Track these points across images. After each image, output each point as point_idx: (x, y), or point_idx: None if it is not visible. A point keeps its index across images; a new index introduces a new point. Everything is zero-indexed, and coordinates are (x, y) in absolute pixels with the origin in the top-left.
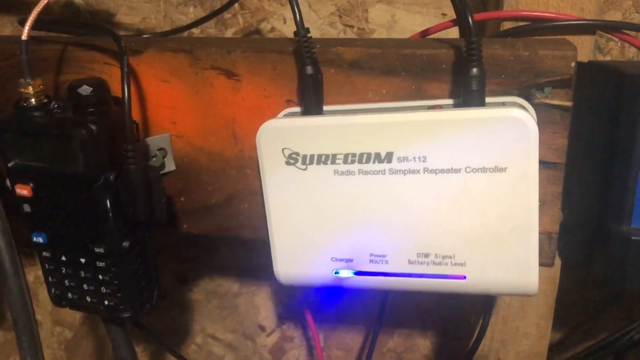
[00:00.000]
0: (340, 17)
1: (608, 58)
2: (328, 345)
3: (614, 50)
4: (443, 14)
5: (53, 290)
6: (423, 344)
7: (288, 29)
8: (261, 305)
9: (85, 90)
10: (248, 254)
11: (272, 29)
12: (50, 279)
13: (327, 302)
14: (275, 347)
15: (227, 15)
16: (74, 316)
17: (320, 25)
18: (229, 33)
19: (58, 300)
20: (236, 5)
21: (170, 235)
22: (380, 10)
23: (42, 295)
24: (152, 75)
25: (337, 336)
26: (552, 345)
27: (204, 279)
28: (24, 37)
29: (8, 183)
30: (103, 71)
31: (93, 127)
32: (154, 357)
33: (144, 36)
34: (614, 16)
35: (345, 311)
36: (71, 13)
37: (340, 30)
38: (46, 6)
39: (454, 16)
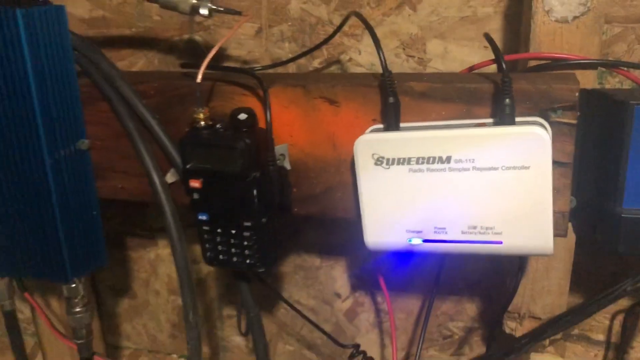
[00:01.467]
0: (403, 49)
1: (618, 82)
2: (392, 309)
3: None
4: (485, 47)
5: (208, 253)
6: (470, 307)
7: (362, 59)
8: (338, 277)
9: (243, 116)
10: (328, 235)
11: (350, 59)
12: (207, 246)
13: (393, 274)
14: (349, 311)
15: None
16: None
17: (388, 56)
18: (315, 62)
19: (211, 260)
20: (321, 40)
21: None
22: (436, 44)
23: (160, 271)
24: (276, 103)
25: (400, 302)
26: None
27: (293, 255)
28: (198, 80)
29: (168, 179)
30: (241, 100)
31: (248, 141)
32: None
33: (255, 67)
34: (621, 48)
35: (406, 282)
36: (191, 47)
37: (403, 60)
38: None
39: None
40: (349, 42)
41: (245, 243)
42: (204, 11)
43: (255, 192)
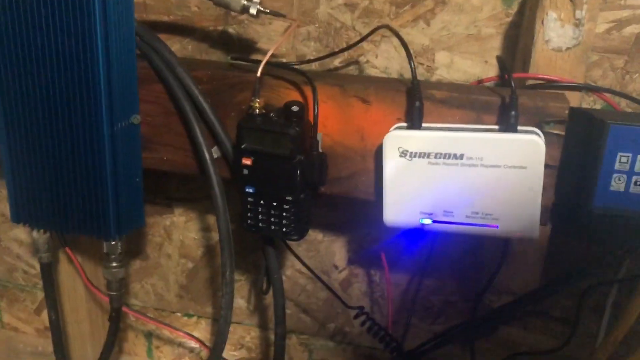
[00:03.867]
0: (415, 57)
1: (592, 100)
2: (383, 282)
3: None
4: (485, 61)
5: (249, 221)
6: (450, 283)
7: (378, 62)
8: (337, 251)
9: (295, 108)
10: (331, 213)
11: (367, 61)
12: (249, 214)
13: (389, 253)
14: (344, 281)
15: (336, 49)
16: (196, 252)
17: (401, 62)
18: (336, 62)
19: (250, 227)
20: (343, 43)
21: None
22: (443, 55)
23: (174, 236)
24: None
25: (390, 276)
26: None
27: None
28: (258, 74)
29: (214, 154)
30: (285, 93)
31: (297, 129)
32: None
33: (290, 64)
34: (597, 73)
35: (397, 260)
36: (224, 38)
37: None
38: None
39: (493, 63)
40: (367, 46)
41: (285, 214)
42: (252, 11)
43: (298, 172)
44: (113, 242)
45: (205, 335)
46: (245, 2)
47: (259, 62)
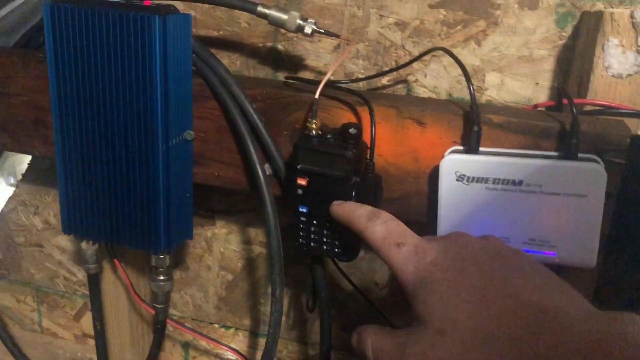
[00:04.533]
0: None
1: None
2: None
3: None
4: (536, 83)
5: (301, 240)
6: None
7: (427, 81)
8: (378, 268)
9: (353, 130)
10: None
11: (416, 80)
12: (301, 234)
13: None
14: (384, 298)
15: (385, 68)
16: (236, 264)
17: (450, 82)
18: (384, 80)
19: (302, 245)
20: (392, 62)
21: None
22: (494, 76)
23: (215, 248)
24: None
25: None
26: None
27: None
28: (316, 96)
29: (266, 171)
30: (339, 114)
31: (354, 151)
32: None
33: (340, 82)
34: None
35: None
36: (273, 55)
37: (463, 86)
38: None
39: (544, 85)
40: (417, 65)
41: (337, 235)
42: (307, 31)
43: (353, 193)
44: (162, 256)
45: (242, 348)
46: (301, 22)
47: (312, 81)
